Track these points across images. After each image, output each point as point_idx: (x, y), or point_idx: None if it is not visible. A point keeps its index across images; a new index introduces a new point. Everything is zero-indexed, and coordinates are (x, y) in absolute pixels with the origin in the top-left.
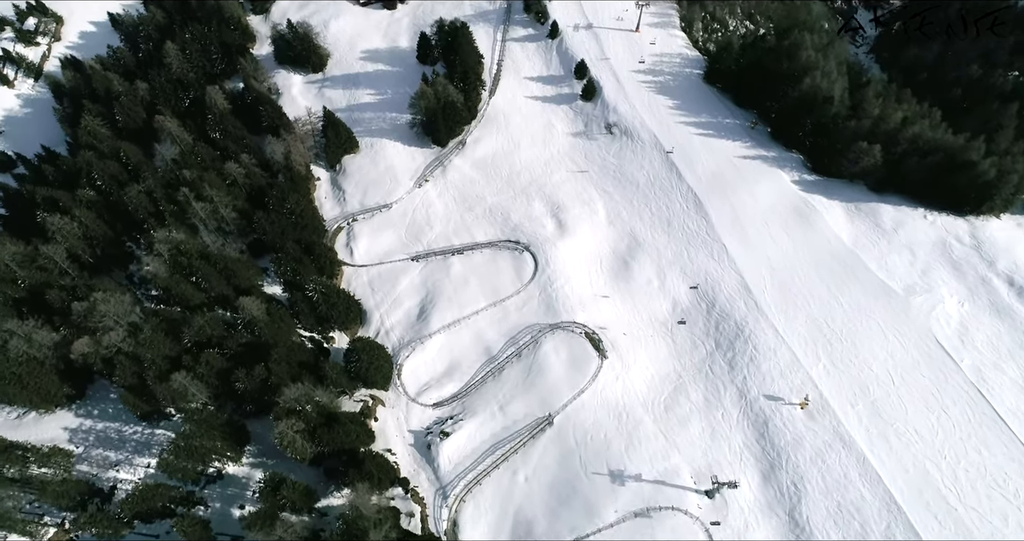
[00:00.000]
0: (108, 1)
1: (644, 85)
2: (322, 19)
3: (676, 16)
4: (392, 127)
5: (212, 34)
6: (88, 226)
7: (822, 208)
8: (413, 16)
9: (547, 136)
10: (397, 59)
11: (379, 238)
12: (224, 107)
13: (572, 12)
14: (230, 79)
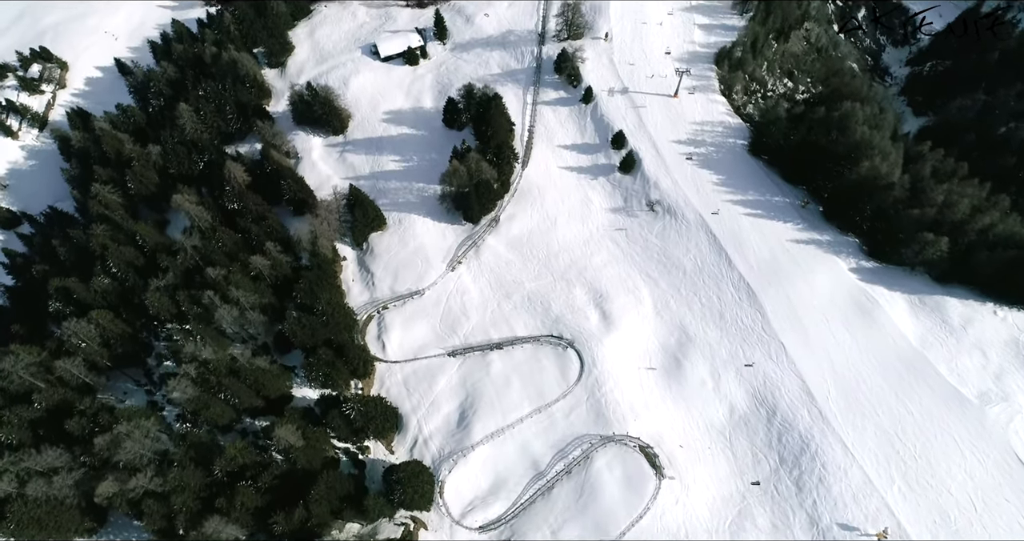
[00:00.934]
0: (114, 42)
1: (686, 157)
2: (341, 76)
3: (714, 78)
4: (420, 199)
5: (227, 93)
6: (105, 327)
7: (884, 301)
8: (437, 73)
9: (585, 212)
10: (422, 121)
11: (412, 329)
12: (244, 181)
13: (606, 74)
14: (245, 139)
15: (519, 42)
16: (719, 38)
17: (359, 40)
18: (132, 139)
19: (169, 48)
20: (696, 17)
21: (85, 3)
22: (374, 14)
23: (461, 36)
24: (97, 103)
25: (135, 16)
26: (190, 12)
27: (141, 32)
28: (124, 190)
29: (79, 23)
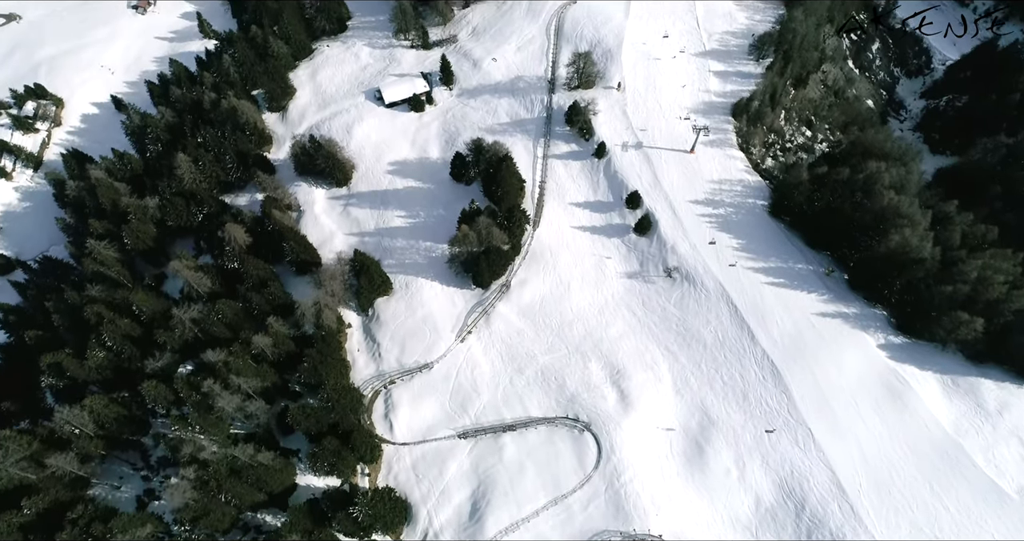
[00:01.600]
0: (111, 76)
1: (704, 219)
2: (344, 123)
3: (731, 131)
4: (427, 260)
5: (227, 141)
6: (99, 413)
7: (915, 382)
8: (443, 121)
9: (599, 276)
10: (428, 173)
11: (421, 407)
12: (244, 242)
13: (619, 127)
14: (246, 189)
15: (528, 89)
16: (735, 86)
17: (362, 83)
18: (129, 188)
19: (167, 90)
20: (711, 63)
21: (80, 37)
22: (378, 55)
23: (468, 82)
24: (93, 141)
25: (132, 49)
26: (189, 45)
27: (138, 66)
28: (120, 244)
29: (74, 57)
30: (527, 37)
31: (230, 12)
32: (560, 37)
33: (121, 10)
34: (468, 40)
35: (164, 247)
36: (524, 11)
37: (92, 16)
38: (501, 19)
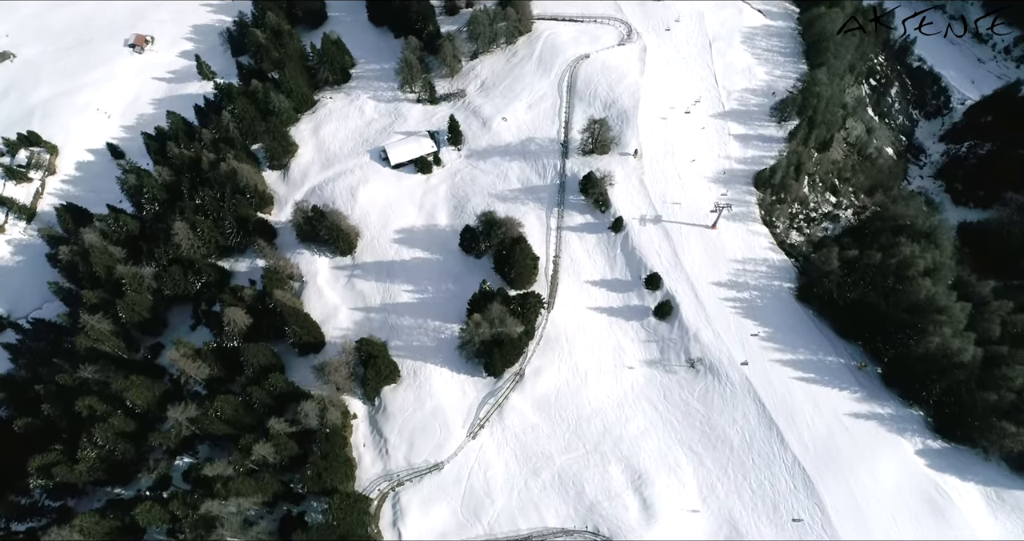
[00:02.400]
0: (107, 120)
1: (727, 304)
2: (348, 185)
3: (754, 203)
4: (436, 343)
5: (226, 205)
6: (90, 530)
7: (957, 495)
8: (451, 184)
9: (617, 364)
10: (436, 243)
11: (431, 513)
12: (245, 324)
13: (637, 198)
14: (246, 253)
15: (540, 153)
16: (757, 152)
17: (367, 141)
18: (124, 251)
19: (164, 146)
20: (731, 125)
21: (75, 78)
22: (383, 110)
23: (477, 142)
24: (89, 190)
25: (129, 91)
26: (187, 86)
27: (135, 108)
28: (115, 316)
29: (69, 100)
30: (538, 94)
31: (229, 51)
32: (573, 95)
33: (118, 49)
34: (477, 95)
35: (161, 315)
36: (535, 65)
37: (88, 56)
38: (511, 73)
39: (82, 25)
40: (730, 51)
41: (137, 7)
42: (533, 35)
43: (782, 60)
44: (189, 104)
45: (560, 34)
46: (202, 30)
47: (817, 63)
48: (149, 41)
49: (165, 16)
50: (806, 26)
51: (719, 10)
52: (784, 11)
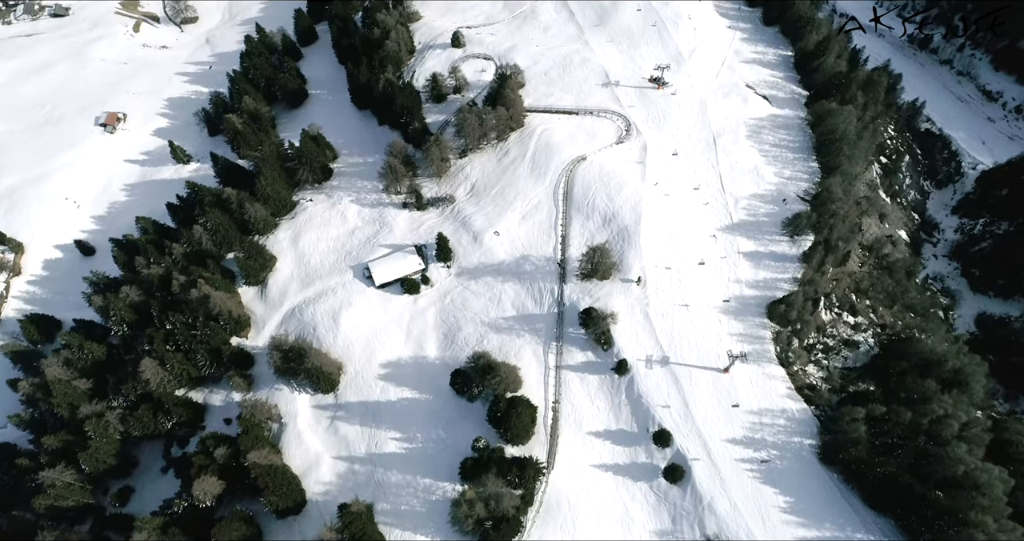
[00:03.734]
0: (76, 210)
1: (744, 466)
2: (330, 308)
3: (768, 339)
4: (427, 508)
5: (199, 335)
6: None
7: None
8: (441, 307)
9: (626, 536)
10: (426, 380)
11: None
12: (218, 490)
13: (642, 336)
14: (220, 383)
15: (536, 274)
16: (769, 274)
17: (350, 254)
18: (89, 382)
19: (133, 258)
20: (740, 241)
21: (44, 162)
22: (367, 216)
23: (468, 259)
24: (56, 292)
25: (100, 176)
26: (161, 171)
27: (107, 196)
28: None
29: (37, 188)
30: (532, 202)
31: (206, 131)
32: (570, 205)
33: (89, 128)
34: (467, 201)
35: (130, 456)
36: (528, 168)
37: (58, 135)
38: (503, 176)
39: (53, 98)
40: (736, 148)
41: (110, 78)
42: (526, 131)
43: (791, 157)
44: (163, 192)
45: (554, 131)
46: (177, 104)
47: (830, 164)
48: (122, 119)
49: (139, 87)
50: (815, 119)
51: (723, 98)
52: (791, 96)
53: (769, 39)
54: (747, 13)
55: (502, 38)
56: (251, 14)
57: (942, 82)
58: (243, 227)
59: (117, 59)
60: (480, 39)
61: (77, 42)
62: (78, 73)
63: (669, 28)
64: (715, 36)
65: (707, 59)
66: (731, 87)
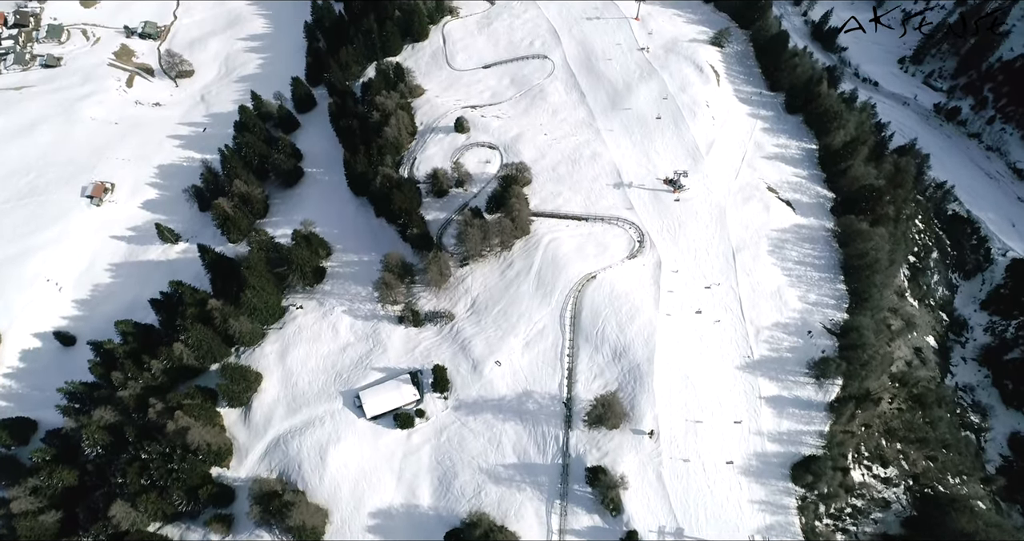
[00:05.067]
0: (58, 293)
1: None
2: (317, 442)
3: (792, 507)
4: None
5: (175, 473)
6: None
7: None
8: (436, 445)
9: None
10: (420, 534)
11: None
12: None
13: (654, 500)
14: (198, 520)
15: (539, 414)
16: (794, 425)
17: (340, 376)
18: (58, 515)
19: (110, 370)
20: (761, 383)
21: (26, 238)
22: (359, 331)
23: (467, 391)
24: (34, 387)
25: (84, 254)
26: (147, 252)
27: (90, 277)
28: None
29: (16, 269)
30: (537, 327)
31: (196, 205)
32: (577, 333)
33: (74, 201)
34: (467, 319)
35: None
36: (533, 285)
37: (42, 208)
38: (506, 292)
39: (39, 164)
40: (757, 266)
41: (100, 141)
42: (532, 239)
43: (816, 278)
44: (149, 274)
45: (562, 242)
46: (168, 172)
47: (859, 291)
48: (109, 189)
49: (129, 153)
50: (843, 235)
51: (743, 204)
52: (816, 200)
53: (792, 130)
54: (768, 98)
55: (508, 123)
56: (248, 70)
57: (970, 156)
58: (228, 338)
59: (108, 118)
60: (485, 124)
61: (68, 98)
62: (67, 134)
63: (686, 117)
64: (735, 126)
65: (726, 155)
66: (752, 190)
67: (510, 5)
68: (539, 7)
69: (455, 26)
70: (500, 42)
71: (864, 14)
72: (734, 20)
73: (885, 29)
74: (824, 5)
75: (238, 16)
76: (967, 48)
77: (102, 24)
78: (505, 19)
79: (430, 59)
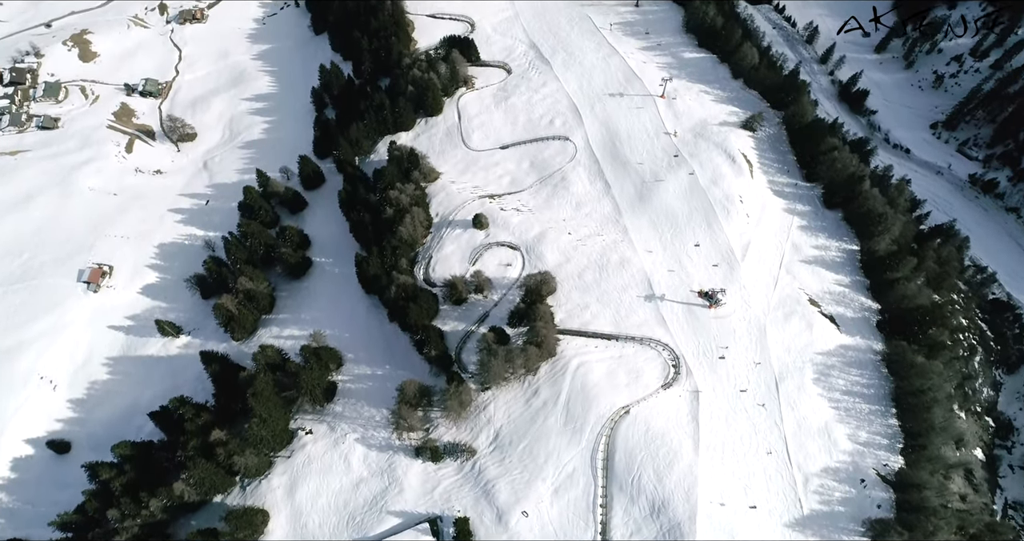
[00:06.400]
0: (52, 393)
1: None
2: None
3: None
4: None
5: None
6: None
7: None
8: None
9: None
10: None
11: None
12: None
13: None
14: None
15: None
16: None
17: (354, 518)
18: None
19: (107, 502)
20: None
21: (19, 330)
22: (374, 463)
23: None
24: (24, 501)
25: (80, 347)
26: (147, 346)
27: (86, 374)
28: None
29: (8, 364)
30: (567, 469)
31: (198, 293)
32: (611, 479)
33: (70, 286)
34: (489, 456)
35: None
36: (561, 418)
37: (35, 296)
38: (532, 426)
39: (34, 243)
40: (802, 397)
41: (98, 215)
42: (558, 363)
43: (866, 411)
44: (149, 372)
45: (591, 367)
46: (169, 252)
47: (914, 431)
48: (107, 273)
49: (129, 229)
50: (894, 363)
51: (784, 321)
52: (860, 314)
53: (831, 228)
54: (805, 191)
55: (529, 218)
56: (253, 135)
57: (1008, 231)
58: (232, 470)
59: (107, 188)
60: (505, 219)
61: (65, 165)
62: (64, 207)
63: (719, 215)
64: (771, 224)
65: (763, 259)
66: (793, 304)
67: (528, 76)
68: (558, 80)
69: (471, 99)
70: (518, 119)
71: (894, 74)
72: (765, 98)
73: (916, 89)
74: (852, 65)
75: (242, 72)
76: (1004, 116)
77: (102, 80)
78: (523, 93)
79: (445, 136)
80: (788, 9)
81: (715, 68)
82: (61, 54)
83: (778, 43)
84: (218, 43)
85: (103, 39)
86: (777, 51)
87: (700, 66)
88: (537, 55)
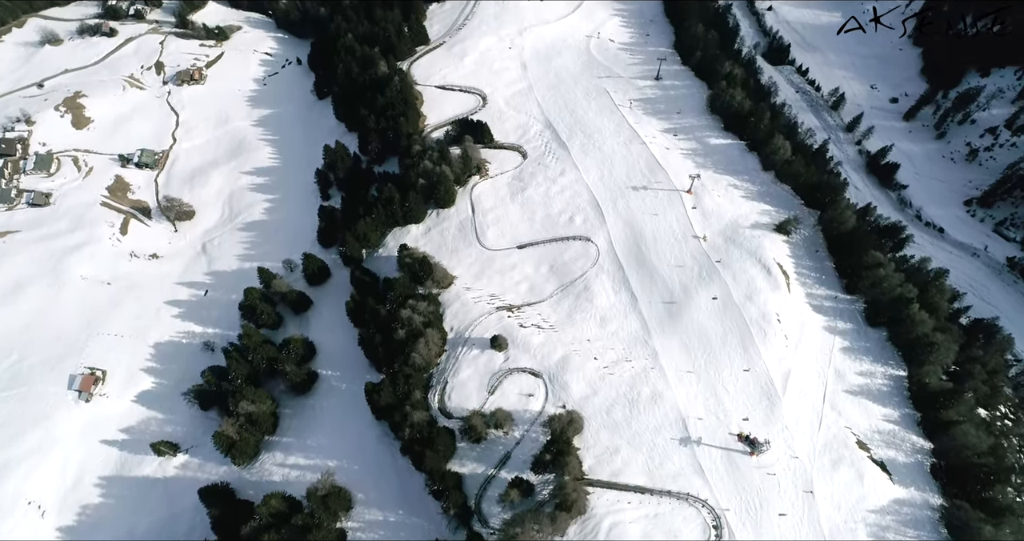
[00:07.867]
0: (41, 520)
1: None
2: None
3: None
4: None
5: None
6: None
7: None
8: None
9: None
10: None
11: None
12: None
13: None
14: None
15: None
16: None
17: None
18: None
19: None
20: None
21: (5, 446)
22: None
23: None
24: None
25: (70, 466)
26: (140, 466)
27: (77, 497)
28: None
29: None
30: None
31: (197, 405)
32: None
33: (61, 395)
34: None
35: None
36: None
37: (24, 406)
38: None
39: (23, 341)
40: None
41: (90, 308)
42: (588, 523)
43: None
44: (144, 495)
45: (625, 529)
46: (165, 353)
47: None
48: (99, 379)
49: (123, 326)
50: (953, 521)
51: (832, 470)
52: (913, 458)
53: (875, 349)
54: (846, 304)
55: (551, 338)
56: (254, 216)
57: None
58: None
59: (100, 277)
60: (525, 340)
61: (56, 250)
62: (54, 299)
63: (755, 337)
64: (811, 346)
65: (805, 391)
66: (840, 449)
67: (545, 162)
68: (578, 169)
69: (484, 190)
70: (536, 214)
71: (925, 144)
72: (798, 194)
73: (948, 161)
74: (880, 134)
75: (243, 141)
76: None
77: (96, 150)
78: (540, 183)
79: (457, 232)
80: (811, 72)
81: (743, 157)
82: (53, 121)
83: (802, 109)
84: (217, 106)
85: (97, 103)
86: (801, 121)
87: (727, 154)
88: (553, 136)
